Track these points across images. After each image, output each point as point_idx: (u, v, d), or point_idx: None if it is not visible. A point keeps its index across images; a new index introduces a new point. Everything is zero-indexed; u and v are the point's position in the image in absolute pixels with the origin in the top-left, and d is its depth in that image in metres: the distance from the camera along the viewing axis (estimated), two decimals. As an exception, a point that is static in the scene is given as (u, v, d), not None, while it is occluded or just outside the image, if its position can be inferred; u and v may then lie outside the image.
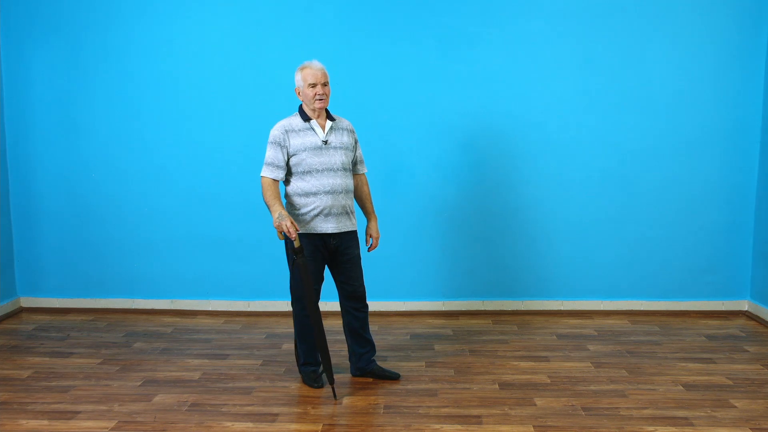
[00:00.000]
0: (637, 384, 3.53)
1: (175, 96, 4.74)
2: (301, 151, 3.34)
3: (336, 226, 3.40)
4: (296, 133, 3.36)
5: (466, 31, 4.66)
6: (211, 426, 3.06)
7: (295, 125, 3.39)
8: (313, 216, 3.37)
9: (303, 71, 3.37)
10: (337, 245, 3.43)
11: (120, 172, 4.81)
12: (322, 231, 3.38)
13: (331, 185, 3.36)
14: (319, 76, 3.34)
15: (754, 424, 3.06)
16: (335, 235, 3.41)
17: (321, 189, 3.35)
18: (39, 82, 4.76)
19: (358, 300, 3.52)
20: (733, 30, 4.62)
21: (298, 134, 3.36)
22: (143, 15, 4.67)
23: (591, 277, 4.86)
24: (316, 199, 3.35)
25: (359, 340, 3.57)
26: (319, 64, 3.40)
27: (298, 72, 3.39)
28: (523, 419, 3.11)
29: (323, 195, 3.35)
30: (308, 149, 3.34)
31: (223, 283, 4.89)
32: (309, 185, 3.35)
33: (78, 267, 4.91)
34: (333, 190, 3.37)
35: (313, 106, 3.37)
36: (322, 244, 3.40)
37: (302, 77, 3.36)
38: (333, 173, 3.37)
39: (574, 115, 4.71)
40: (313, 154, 3.35)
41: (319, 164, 3.35)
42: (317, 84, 3.34)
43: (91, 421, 3.10)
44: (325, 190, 3.35)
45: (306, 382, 3.53)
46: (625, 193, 4.77)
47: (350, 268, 3.49)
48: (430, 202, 4.79)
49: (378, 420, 3.11)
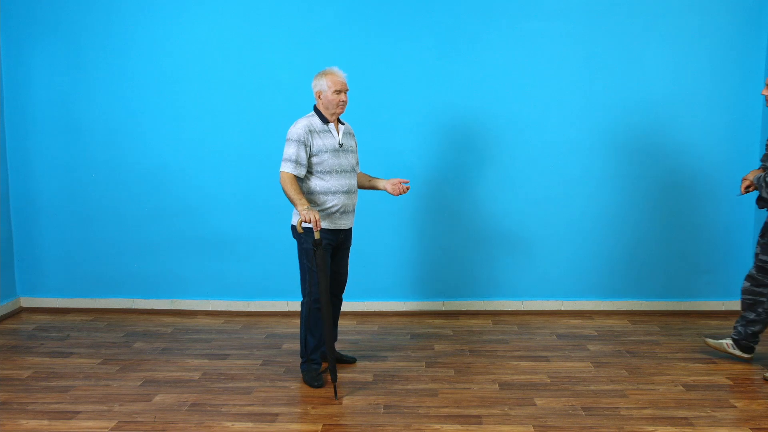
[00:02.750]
0: (637, 384, 3.53)
1: (175, 96, 4.74)
2: (323, 152, 3.48)
3: (349, 223, 3.64)
4: (318, 134, 3.49)
5: (466, 31, 4.66)
6: (211, 426, 3.06)
7: (316, 126, 3.50)
8: (332, 213, 3.54)
9: (328, 77, 3.48)
10: (343, 239, 3.65)
11: (120, 172, 4.81)
12: (340, 227, 3.58)
13: (347, 185, 3.57)
14: (344, 85, 3.51)
15: (754, 424, 3.06)
16: (344, 231, 3.63)
17: (340, 188, 3.53)
18: (39, 82, 4.76)
19: (342, 289, 3.80)
20: (733, 30, 4.62)
21: (320, 135, 3.49)
22: (143, 15, 4.67)
23: (591, 277, 4.86)
24: (335, 198, 3.52)
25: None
26: (343, 72, 3.54)
27: (323, 77, 3.50)
28: (523, 419, 3.11)
29: (341, 194, 3.54)
30: (329, 151, 3.50)
31: (223, 283, 4.89)
32: (330, 184, 3.51)
33: (78, 267, 4.91)
34: (349, 190, 3.58)
35: (334, 111, 3.52)
36: (335, 238, 3.58)
37: (329, 83, 3.48)
38: (348, 174, 3.59)
39: (574, 115, 4.71)
40: (332, 156, 3.51)
41: (338, 165, 3.53)
42: (342, 92, 3.49)
43: (91, 421, 3.10)
44: (343, 190, 3.54)
45: (306, 381, 3.55)
46: (625, 193, 4.78)
47: (344, 258, 3.75)
48: (430, 202, 4.79)
49: (378, 420, 3.11)
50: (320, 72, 3.53)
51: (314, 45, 4.65)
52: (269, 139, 4.60)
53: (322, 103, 3.51)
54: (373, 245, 4.81)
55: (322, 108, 3.52)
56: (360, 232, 4.77)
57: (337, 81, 3.47)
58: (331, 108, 3.50)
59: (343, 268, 3.74)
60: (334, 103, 3.48)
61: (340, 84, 3.47)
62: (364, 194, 4.68)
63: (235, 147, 4.76)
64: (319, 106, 3.53)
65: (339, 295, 3.79)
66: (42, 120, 4.79)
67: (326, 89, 3.47)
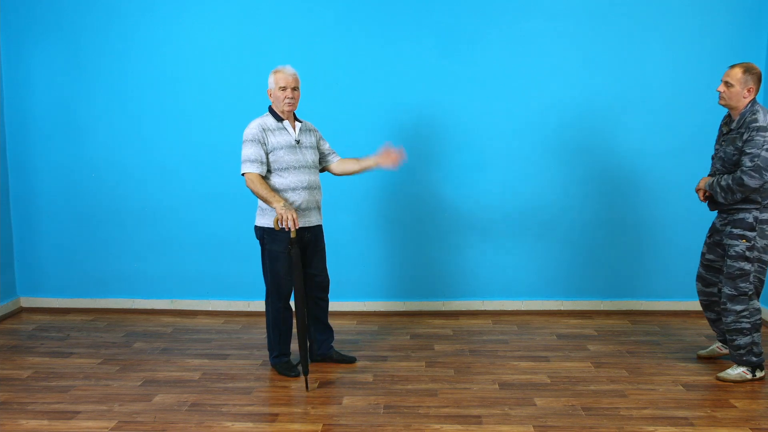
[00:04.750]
0: (637, 384, 3.53)
1: (175, 96, 4.74)
2: (278, 149, 3.52)
3: (310, 220, 3.62)
4: (272, 132, 3.53)
5: (466, 31, 4.66)
6: (211, 426, 3.06)
7: (270, 124, 3.55)
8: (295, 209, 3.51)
9: (276, 75, 3.54)
10: (311, 238, 3.65)
11: (120, 172, 4.81)
12: (304, 224, 3.57)
13: (307, 181, 3.57)
14: (290, 81, 3.53)
15: (754, 424, 3.06)
16: (309, 228, 3.62)
17: (299, 185, 3.54)
18: (39, 82, 4.76)
19: (323, 290, 3.78)
20: (732, 30, 4.62)
21: (274, 133, 3.53)
22: (143, 15, 4.67)
23: (591, 277, 4.86)
24: (294, 195, 3.54)
25: (321, 327, 3.82)
26: (292, 69, 3.59)
27: (272, 75, 3.56)
28: (523, 419, 3.11)
29: (300, 191, 3.55)
30: (284, 147, 3.53)
31: (223, 283, 4.89)
32: (287, 181, 3.53)
33: (78, 267, 4.91)
34: (309, 186, 3.58)
35: (282, 108, 3.56)
36: (300, 237, 3.56)
37: (274, 80, 3.55)
38: (307, 170, 3.59)
39: (573, 115, 4.71)
40: (288, 152, 3.54)
41: (295, 161, 3.55)
42: (287, 88, 3.52)
43: (91, 421, 3.10)
44: (302, 186, 3.55)
45: (282, 373, 3.65)
46: (625, 193, 4.77)
47: (319, 260, 3.74)
48: (429, 202, 4.79)
49: (378, 420, 3.11)
50: (272, 70, 3.57)
51: (314, 45, 4.65)
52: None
53: (273, 100, 3.57)
54: (373, 245, 4.81)
55: (275, 106, 3.58)
56: (360, 232, 4.78)
57: (281, 77, 3.51)
58: (280, 105, 3.54)
59: (319, 270, 3.73)
60: (281, 100, 3.52)
61: (284, 80, 3.50)
62: (364, 194, 4.69)
63: (235, 146, 4.71)
64: (273, 105, 3.59)
65: (324, 297, 3.79)
66: (42, 120, 4.79)
67: (273, 86, 3.55)
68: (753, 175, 3.32)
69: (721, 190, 3.45)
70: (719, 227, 3.62)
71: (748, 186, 3.34)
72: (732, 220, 3.49)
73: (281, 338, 3.67)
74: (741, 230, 3.45)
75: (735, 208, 3.47)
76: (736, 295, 3.46)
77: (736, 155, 3.43)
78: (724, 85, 3.45)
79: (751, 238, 3.43)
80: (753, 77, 3.39)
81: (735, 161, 3.43)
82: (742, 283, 3.45)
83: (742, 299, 3.46)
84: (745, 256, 3.43)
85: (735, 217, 3.48)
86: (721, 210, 3.59)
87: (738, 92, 3.41)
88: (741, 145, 3.38)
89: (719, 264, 3.64)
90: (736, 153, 3.42)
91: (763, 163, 3.31)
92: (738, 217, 3.46)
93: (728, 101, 3.46)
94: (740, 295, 3.46)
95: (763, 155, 3.31)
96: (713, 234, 3.68)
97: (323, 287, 3.77)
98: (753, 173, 3.31)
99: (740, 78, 3.40)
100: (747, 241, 3.43)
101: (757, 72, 3.40)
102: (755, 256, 3.44)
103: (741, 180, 3.34)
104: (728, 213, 3.53)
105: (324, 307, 3.80)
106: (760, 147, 3.31)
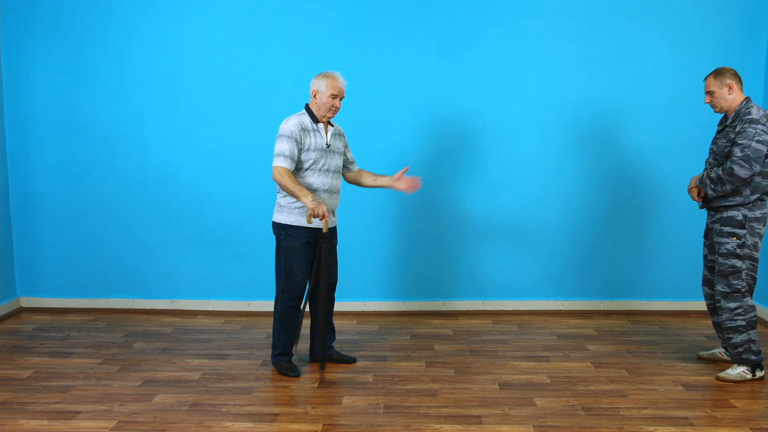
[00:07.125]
0: (637, 384, 3.53)
1: (175, 96, 4.74)
2: (312, 150, 3.53)
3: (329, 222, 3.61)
4: (308, 132, 3.53)
5: (466, 31, 4.66)
6: (211, 426, 3.06)
7: (307, 124, 3.54)
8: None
9: (329, 79, 3.51)
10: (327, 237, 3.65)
11: (120, 172, 4.81)
12: (317, 225, 3.56)
13: (330, 185, 3.61)
14: (342, 91, 3.55)
15: (754, 424, 3.05)
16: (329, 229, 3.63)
17: (321, 187, 3.57)
18: (39, 82, 4.76)
19: (333, 288, 3.83)
20: (733, 30, 4.63)
21: (310, 133, 3.53)
22: (143, 15, 4.67)
23: (591, 277, 4.86)
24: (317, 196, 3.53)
25: (327, 326, 3.77)
26: (344, 80, 3.57)
27: (323, 78, 3.51)
28: (523, 419, 3.11)
29: (322, 193, 3.58)
30: (317, 149, 3.55)
31: (223, 283, 4.89)
32: (313, 181, 3.55)
33: (78, 267, 4.91)
34: (330, 190, 3.62)
35: (325, 114, 3.56)
36: (314, 237, 3.58)
37: (327, 85, 3.50)
38: (332, 174, 3.63)
39: (574, 116, 4.72)
40: (320, 155, 3.56)
41: (324, 164, 3.58)
42: (338, 97, 3.54)
43: (91, 421, 3.10)
44: (324, 189, 3.58)
45: (282, 372, 3.65)
46: (625, 193, 4.78)
47: (333, 257, 3.77)
48: (430, 202, 4.79)
49: (378, 420, 3.11)
50: (323, 72, 3.54)
51: (314, 45, 4.65)
52: (269, 138, 4.55)
53: (316, 102, 3.54)
54: (373, 245, 4.81)
55: (315, 108, 3.56)
56: (360, 232, 4.78)
57: (335, 85, 3.50)
58: (323, 110, 3.54)
59: (332, 268, 3.76)
60: (327, 107, 3.52)
61: (337, 89, 3.51)
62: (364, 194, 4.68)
63: (236, 147, 4.76)
64: (312, 106, 3.57)
65: (332, 295, 3.83)
66: (42, 120, 4.79)
67: (323, 90, 3.50)
68: (743, 164, 3.34)
69: (711, 181, 3.48)
70: (711, 225, 3.63)
71: (738, 176, 3.36)
72: (721, 218, 3.52)
73: (286, 338, 3.66)
74: (731, 228, 3.47)
75: (724, 206, 3.50)
76: (729, 293, 3.49)
77: (728, 147, 3.46)
78: (708, 96, 3.55)
79: (741, 236, 3.45)
80: (725, 75, 3.47)
81: (727, 153, 3.47)
82: (734, 281, 3.47)
83: (736, 296, 3.48)
84: (735, 253, 3.46)
85: (724, 215, 3.50)
86: (710, 208, 3.60)
87: (720, 94, 3.50)
88: (733, 137, 3.42)
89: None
90: (728, 145, 3.46)
91: (753, 154, 3.33)
92: (727, 215, 3.49)
93: (718, 106, 3.54)
94: (733, 292, 3.48)
95: (753, 146, 3.34)
96: (708, 234, 3.69)
97: (333, 285, 3.81)
98: (743, 162, 3.34)
99: (714, 82, 3.51)
100: (738, 239, 3.45)
101: (729, 70, 3.48)
102: (746, 253, 3.46)
103: (731, 170, 3.36)
104: (717, 211, 3.55)
105: (331, 306, 3.83)
106: (751, 138, 3.35)
